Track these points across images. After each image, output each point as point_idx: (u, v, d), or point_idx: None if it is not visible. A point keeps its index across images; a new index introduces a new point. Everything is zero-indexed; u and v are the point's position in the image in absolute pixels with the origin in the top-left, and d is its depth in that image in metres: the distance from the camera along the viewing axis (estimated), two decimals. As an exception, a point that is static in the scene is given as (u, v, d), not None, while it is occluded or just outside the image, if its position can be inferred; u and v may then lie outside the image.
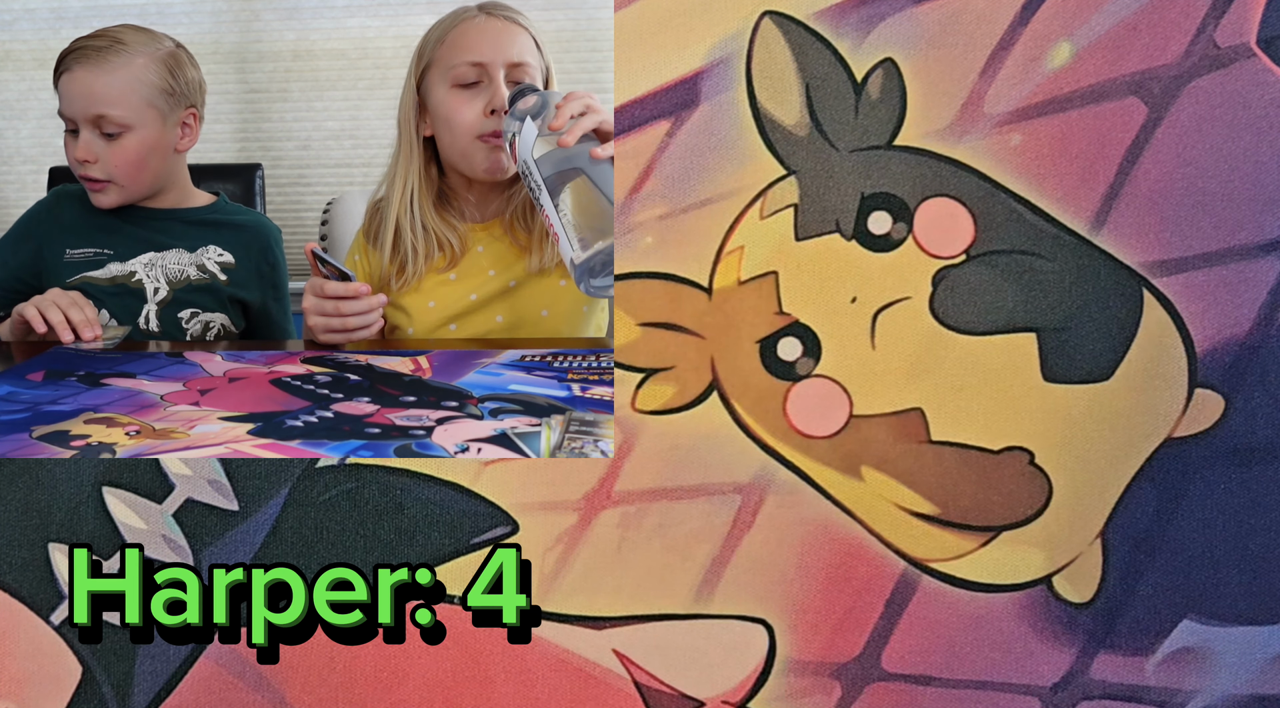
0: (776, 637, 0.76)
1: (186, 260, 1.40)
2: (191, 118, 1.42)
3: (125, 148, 1.36)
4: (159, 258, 1.40)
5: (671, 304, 0.75)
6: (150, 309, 1.38)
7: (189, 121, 1.42)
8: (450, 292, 1.33)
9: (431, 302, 1.33)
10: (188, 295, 1.39)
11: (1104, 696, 0.76)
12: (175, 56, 1.40)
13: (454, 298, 1.33)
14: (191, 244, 1.41)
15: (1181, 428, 0.75)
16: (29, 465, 0.76)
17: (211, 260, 1.41)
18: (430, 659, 0.76)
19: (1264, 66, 0.74)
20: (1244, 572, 0.75)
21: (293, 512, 0.75)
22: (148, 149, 1.37)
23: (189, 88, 1.41)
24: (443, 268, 1.34)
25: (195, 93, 1.42)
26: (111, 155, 1.36)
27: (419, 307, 1.33)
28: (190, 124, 1.42)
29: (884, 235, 0.75)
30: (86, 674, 0.76)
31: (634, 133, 0.75)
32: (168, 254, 1.40)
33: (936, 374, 0.75)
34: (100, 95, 1.34)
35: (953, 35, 0.74)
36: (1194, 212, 0.74)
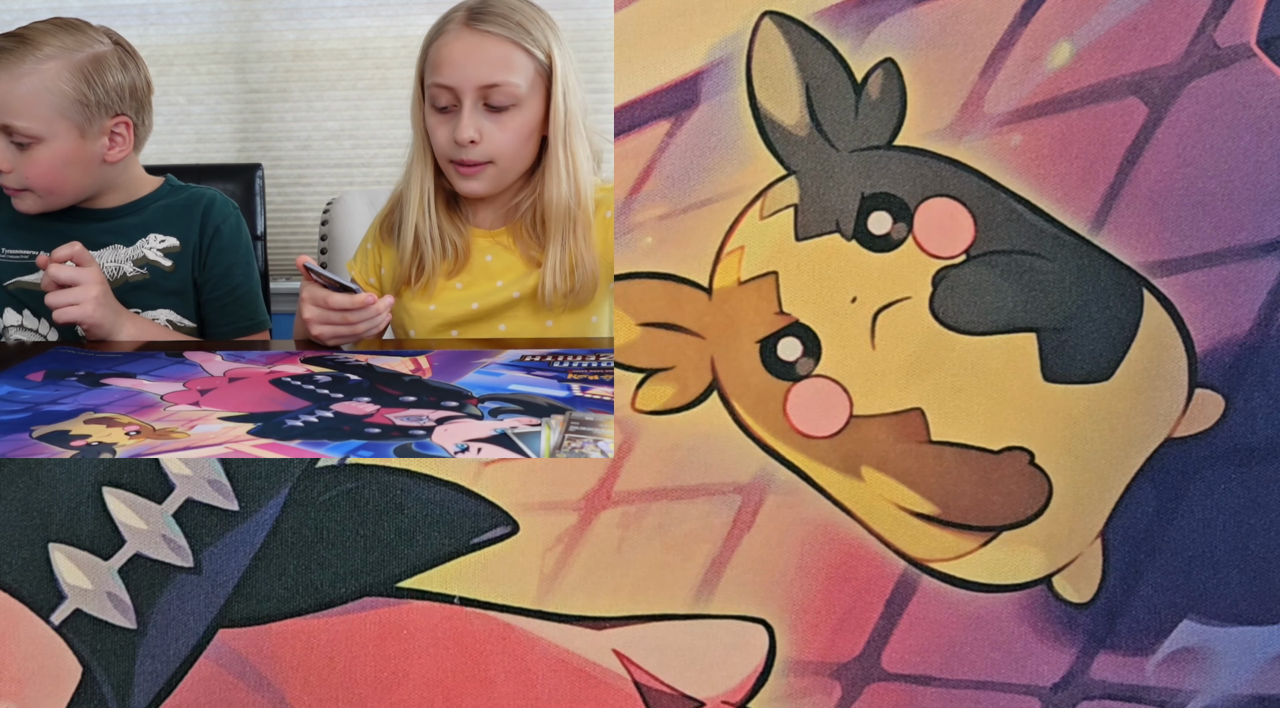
0: (776, 637, 0.76)
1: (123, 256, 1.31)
2: (123, 127, 1.29)
3: (38, 160, 1.25)
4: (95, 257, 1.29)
5: (671, 304, 0.75)
6: None
7: (119, 131, 1.29)
8: (454, 298, 1.33)
9: (433, 305, 1.33)
10: (125, 295, 1.29)
11: (1104, 696, 0.76)
12: (98, 61, 1.26)
13: (457, 305, 1.32)
14: (129, 238, 1.32)
15: (1181, 428, 0.75)
16: (29, 465, 0.76)
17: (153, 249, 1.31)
18: (430, 659, 0.76)
19: (1264, 66, 0.74)
20: (1244, 572, 0.75)
21: (293, 512, 0.75)
22: (62, 161, 1.25)
23: (114, 95, 1.27)
24: (449, 273, 1.33)
25: (123, 100, 1.28)
26: (25, 166, 1.25)
27: (421, 309, 1.33)
28: (122, 133, 1.29)
29: (884, 235, 0.75)
30: (86, 674, 0.76)
31: (634, 133, 0.75)
32: (103, 252, 1.31)
33: (936, 374, 0.75)
34: (6, 103, 1.22)
35: (953, 35, 0.74)
36: (1194, 212, 0.74)
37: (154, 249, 1.32)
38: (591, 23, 2.40)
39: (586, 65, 2.40)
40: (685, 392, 0.75)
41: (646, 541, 0.76)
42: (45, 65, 1.23)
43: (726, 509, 0.76)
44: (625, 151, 0.75)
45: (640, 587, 0.76)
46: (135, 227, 1.33)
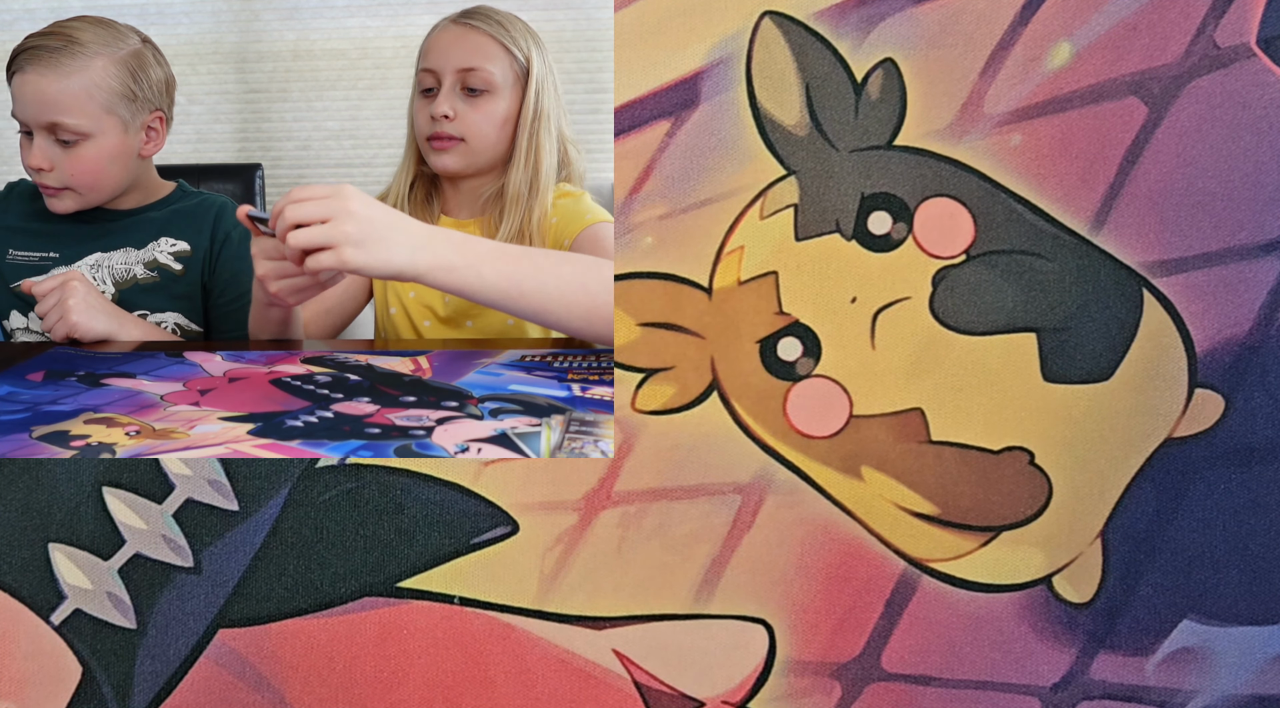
0: (776, 637, 0.76)
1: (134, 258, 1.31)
2: (158, 122, 1.31)
3: (83, 157, 1.26)
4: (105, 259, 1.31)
5: (671, 304, 0.75)
6: None
7: (155, 126, 1.31)
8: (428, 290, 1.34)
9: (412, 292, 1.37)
10: (134, 296, 1.30)
11: (1104, 696, 0.76)
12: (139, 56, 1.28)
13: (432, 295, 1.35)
14: (141, 240, 1.32)
15: (1181, 428, 0.75)
16: (29, 465, 0.76)
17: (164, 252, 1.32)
18: (430, 659, 0.76)
19: (1264, 66, 0.74)
20: (1244, 572, 0.75)
21: (293, 512, 0.75)
22: (108, 157, 1.27)
23: (154, 90, 1.29)
24: None
25: (161, 95, 1.31)
26: (68, 163, 1.25)
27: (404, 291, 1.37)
28: (156, 128, 1.31)
29: (884, 235, 0.75)
30: (86, 674, 0.76)
31: (634, 133, 0.75)
32: (114, 254, 1.31)
33: (936, 374, 0.75)
34: (54, 102, 1.23)
35: (953, 35, 0.74)
36: (1194, 212, 0.74)
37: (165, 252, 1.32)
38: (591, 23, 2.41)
39: (586, 65, 2.40)
40: (685, 392, 0.75)
41: (646, 541, 0.76)
42: (94, 62, 1.24)
43: (726, 509, 0.76)
44: (625, 151, 0.75)
45: (640, 587, 0.76)
46: (147, 229, 1.33)
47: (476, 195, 1.38)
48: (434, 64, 1.34)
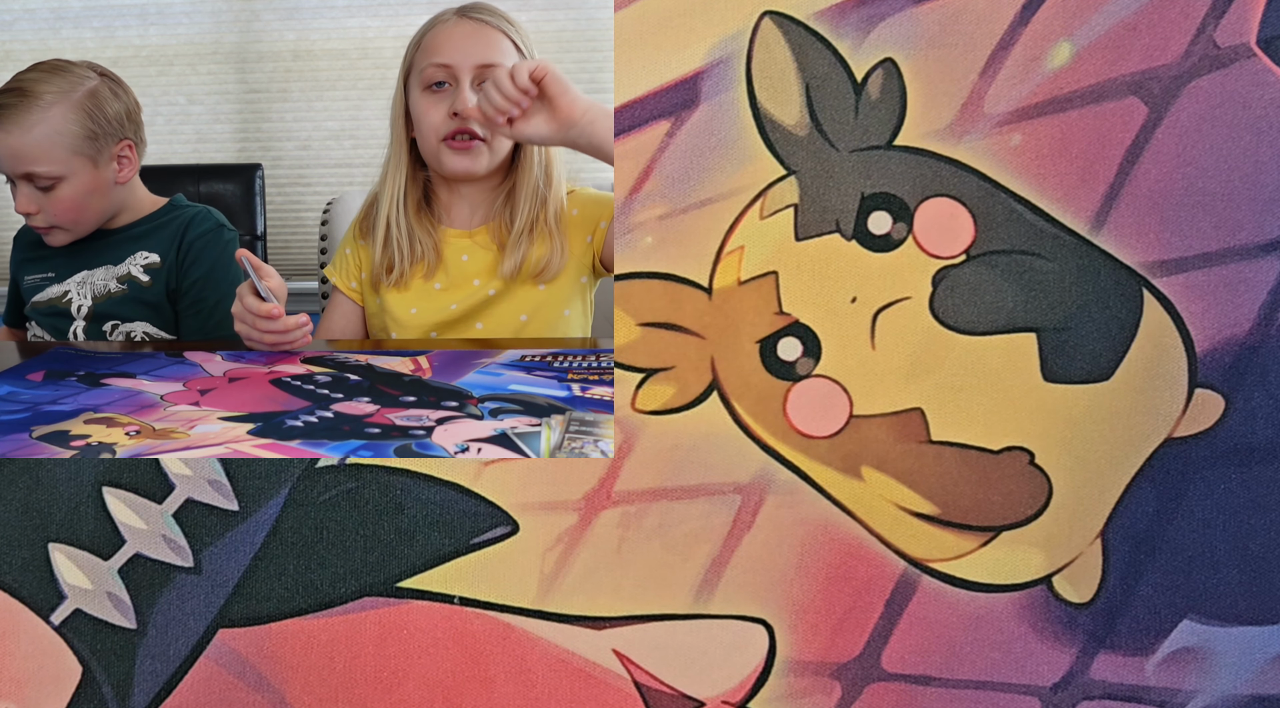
0: (776, 637, 0.76)
1: (111, 274, 1.39)
2: (128, 149, 1.39)
3: (61, 198, 1.34)
4: (90, 275, 1.40)
5: (671, 304, 0.75)
6: (77, 325, 1.39)
7: (125, 153, 1.39)
8: (433, 301, 1.33)
9: (414, 308, 1.34)
10: (108, 308, 1.39)
11: (1104, 696, 0.76)
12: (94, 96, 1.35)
13: (436, 307, 1.33)
14: (119, 256, 1.40)
15: (1181, 428, 0.75)
16: (29, 465, 0.76)
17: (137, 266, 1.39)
18: (430, 659, 0.76)
19: (1264, 66, 0.74)
20: (1244, 572, 0.75)
21: (293, 512, 0.75)
22: (84, 193, 1.36)
23: (115, 123, 1.37)
24: (426, 274, 1.34)
25: (123, 125, 1.38)
26: (50, 205, 1.35)
27: (403, 310, 1.34)
28: (127, 156, 1.39)
29: (884, 235, 0.75)
30: (86, 674, 0.76)
31: (634, 133, 0.75)
32: (96, 271, 1.40)
33: (936, 374, 0.75)
34: (23, 154, 1.32)
35: (953, 35, 0.74)
36: (1194, 212, 0.74)
37: (138, 265, 1.40)
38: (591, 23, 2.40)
39: (586, 65, 2.40)
40: (685, 392, 0.75)
41: (646, 541, 0.76)
42: (51, 112, 1.32)
43: (726, 509, 0.76)
44: (625, 151, 0.75)
45: (640, 587, 0.76)
46: (127, 246, 1.41)
47: (480, 200, 1.35)
48: (449, 59, 1.30)
